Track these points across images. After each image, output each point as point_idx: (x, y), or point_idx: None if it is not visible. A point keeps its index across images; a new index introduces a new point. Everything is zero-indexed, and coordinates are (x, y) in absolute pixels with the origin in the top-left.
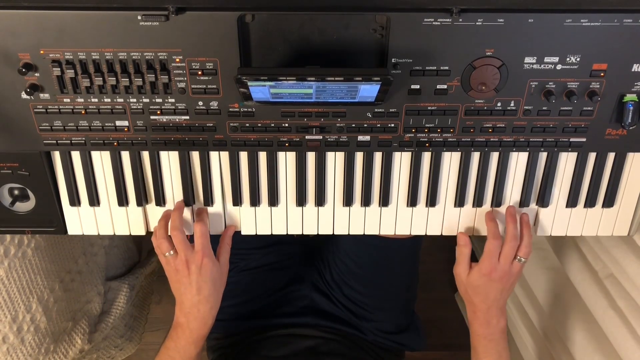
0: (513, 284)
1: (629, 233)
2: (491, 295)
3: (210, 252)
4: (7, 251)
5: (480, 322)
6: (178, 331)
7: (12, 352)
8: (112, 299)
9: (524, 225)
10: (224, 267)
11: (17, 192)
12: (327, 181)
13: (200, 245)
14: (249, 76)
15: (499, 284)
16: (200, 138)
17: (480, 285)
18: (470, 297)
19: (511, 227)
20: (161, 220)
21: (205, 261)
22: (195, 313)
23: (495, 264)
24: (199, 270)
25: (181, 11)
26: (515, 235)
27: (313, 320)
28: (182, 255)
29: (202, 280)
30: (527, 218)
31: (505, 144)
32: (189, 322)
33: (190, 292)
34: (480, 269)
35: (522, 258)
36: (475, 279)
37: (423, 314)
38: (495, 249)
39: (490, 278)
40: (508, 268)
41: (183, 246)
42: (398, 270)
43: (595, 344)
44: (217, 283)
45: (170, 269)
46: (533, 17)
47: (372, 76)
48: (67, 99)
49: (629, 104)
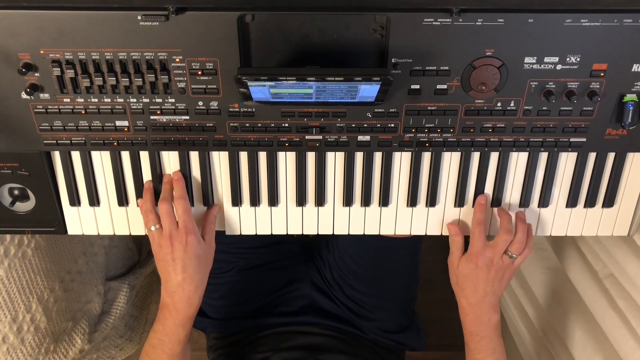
0: (503, 279)
1: (629, 233)
2: (480, 287)
3: (194, 230)
4: (7, 251)
5: (471, 318)
6: (165, 312)
7: (12, 352)
8: (112, 299)
9: (519, 221)
10: (209, 246)
11: (17, 192)
12: (327, 181)
13: (183, 222)
14: (249, 76)
15: (486, 273)
16: (200, 138)
17: (468, 273)
18: (461, 288)
19: (505, 220)
20: (147, 190)
21: (190, 238)
22: (181, 292)
23: (481, 248)
24: (183, 247)
25: (181, 11)
26: (508, 229)
27: (313, 320)
28: (167, 230)
29: (187, 258)
30: (523, 216)
31: (505, 144)
32: (174, 303)
33: (175, 270)
34: (466, 256)
35: (513, 254)
36: (463, 266)
37: (423, 314)
38: (480, 232)
39: (477, 265)
40: (497, 259)
41: (169, 220)
42: (398, 270)
43: (595, 344)
44: (202, 261)
45: (155, 244)
46: (533, 17)
47: (372, 76)
48: (67, 99)
49: (629, 104)
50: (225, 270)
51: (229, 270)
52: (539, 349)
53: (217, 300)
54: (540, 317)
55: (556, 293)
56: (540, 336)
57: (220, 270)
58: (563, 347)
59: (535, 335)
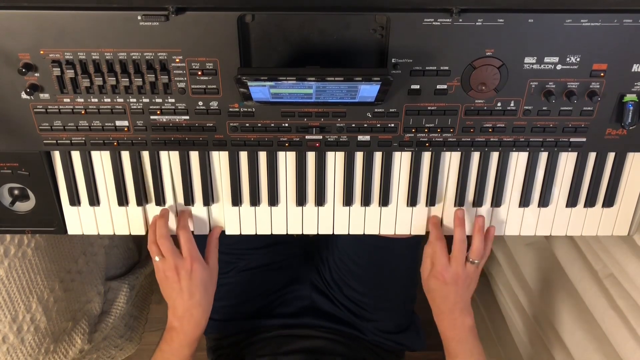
0: (470, 285)
1: (629, 233)
2: (450, 298)
3: (198, 257)
4: (7, 251)
5: (445, 324)
6: (172, 334)
7: (12, 352)
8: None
9: (476, 231)
10: (213, 270)
11: (17, 192)
12: (327, 181)
13: (188, 251)
14: (249, 76)
15: (454, 287)
16: (200, 138)
17: (436, 289)
18: (431, 300)
19: (457, 230)
20: (152, 225)
21: (195, 266)
22: (189, 317)
23: (445, 264)
24: (189, 275)
25: (181, 11)
26: (461, 239)
27: (313, 321)
28: (171, 261)
29: (194, 285)
30: (481, 221)
31: (505, 144)
32: (182, 326)
33: (182, 297)
34: (433, 273)
35: (474, 260)
36: (430, 282)
37: (423, 314)
38: (440, 250)
39: (444, 281)
40: (461, 270)
41: (171, 253)
42: (398, 270)
43: (595, 344)
44: (208, 286)
45: (160, 274)
46: (533, 17)
47: (372, 76)
48: (67, 99)
49: (629, 104)
50: (225, 271)
51: (229, 271)
52: (539, 349)
53: (217, 301)
54: (539, 317)
55: (556, 293)
56: (540, 335)
57: (220, 271)
58: (563, 347)
59: (534, 335)
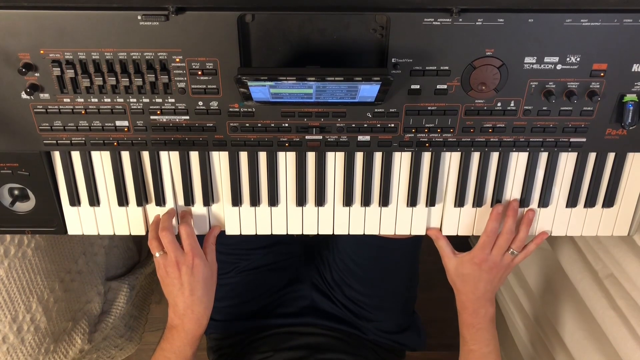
0: (502, 277)
1: (629, 233)
2: (480, 286)
3: (200, 252)
4: (7, 251)
5: (469, 312)
6: (173, 333)
7: (12, 352)
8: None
9: (525, 220)
10: (213, 266)
11: (17, 192)
12: (327, 181)
13: (189, 246)
14: (249, 76)
15: (489, 275)
16: (200, 138)
17: (470, 273)
18: (460, 286)
19: (510, 220)
20: (153, 222)
21: (197, 261)
22: (190, 314)
23: (487, 254)
24: (190, 271)
25: (181, 11)
26: (511, 229)
27: (313, 320)
28: (172, 256)
29: (195, 281)
30: (531, 215)
31: (505, 144)
32: (184, 324)
33: (183, 293)
34: (472, 258)
35: (514, 251)
36: (466, 267)
37: (423, 314)
38: (490, 241)
39: (480, 268)
40: (499, 259)
41: (172, 247)
42: (398, 270)
43: (595, 344)
44: (208, 283)
45: (161, 271)
46: (533, 17)
47: (372, 76)
48: (67, 99)
49: (629, 104)
50: (225, 272)
51: (230, 271)
52: (539, 349)
53: (217, 301)
54: (539, 317)
55: (556, 293)
56: (540, 335)
57: (221, 272)
58: (563, 347)
59: (534, 335)
